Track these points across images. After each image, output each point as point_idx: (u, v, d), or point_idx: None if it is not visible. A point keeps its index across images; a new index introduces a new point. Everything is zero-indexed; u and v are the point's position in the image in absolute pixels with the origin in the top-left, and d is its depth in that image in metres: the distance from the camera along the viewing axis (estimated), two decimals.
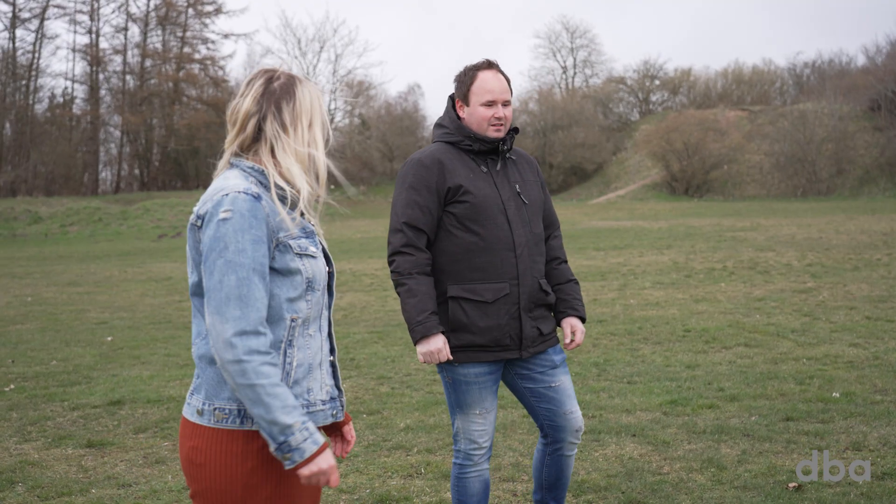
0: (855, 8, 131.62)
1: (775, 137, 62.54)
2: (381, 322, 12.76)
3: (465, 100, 4.17)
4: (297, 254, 2.70)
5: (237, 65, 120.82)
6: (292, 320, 2.70)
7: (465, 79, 4.19)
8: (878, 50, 74.25)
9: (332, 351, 2.91)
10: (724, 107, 72.44)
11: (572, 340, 4.28)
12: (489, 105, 4.10)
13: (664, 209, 48.53)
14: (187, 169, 71.19)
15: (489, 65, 4.18)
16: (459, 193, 4.08)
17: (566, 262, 4.45)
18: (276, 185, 2.70)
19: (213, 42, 73.27)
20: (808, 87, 76.68)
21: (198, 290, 2.68)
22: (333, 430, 3.02)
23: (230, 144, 2.78)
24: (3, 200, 51.88)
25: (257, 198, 2.62)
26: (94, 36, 69.97)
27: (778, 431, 6.52)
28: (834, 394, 7.50)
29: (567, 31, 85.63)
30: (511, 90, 4.23)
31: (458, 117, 4.22)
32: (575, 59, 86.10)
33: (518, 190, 4.19)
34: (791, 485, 5.40)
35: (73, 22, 69.37)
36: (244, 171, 2.73)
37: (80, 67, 71.40)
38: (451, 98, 4.29)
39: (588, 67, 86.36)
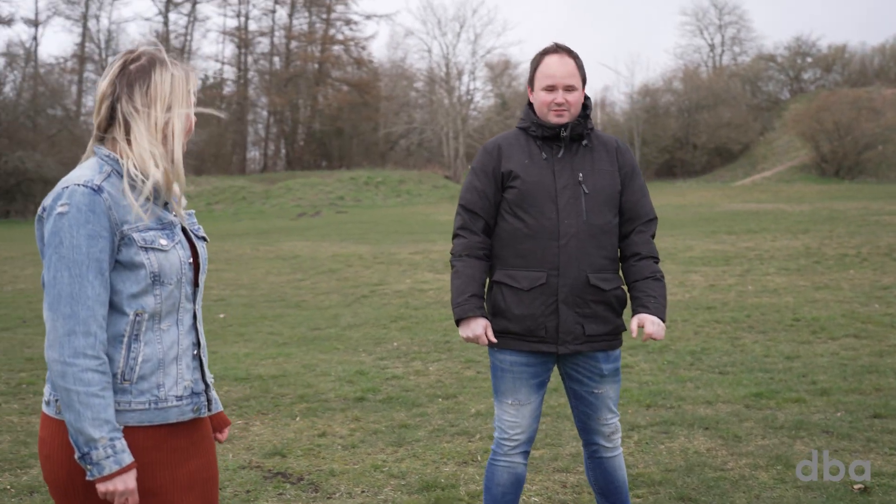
0: None
1: None
2: None
3: (531, 84, 4.14)
4: (141, 247, 2.61)
5: (380, 45, 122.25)
6: (137, 315, 2.61)
7: (533, 63, 4.15)
8: None
9: (196, 345, 2.80)
10: (880, 84, 69.41)
11: (643, 334, 3.96)
12: (550, 90, 4.02)
13: (811, 192, 46.85)
14: (331, 149, 72.56)
15: (556, 48, 4.10)
16: (511, 178, 4.05)
17: (650, 258, 4.14)
18: (128, 174, 2.62)
19: (356, 23, 74.37)
20: None
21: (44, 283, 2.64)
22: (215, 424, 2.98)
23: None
24: None
25: (97, 190, 2.55)
26: (242, 19, 72.18)
27: (861, 429, 6.26)
28: None
29: (715, 7, 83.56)
30: (582, 75, 4.10)
31: (530, 102, 4.18)
32: (723, 37, 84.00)
33: (580, 179, 4.05)
34: (857, 486, 5.17)
35: (224, 5, 71.72)
36: (101, 159, 2.65)
37: (230, 49, 73.66)
38: None
39: (736, 45, 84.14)
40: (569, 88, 4.01)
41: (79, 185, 2.54)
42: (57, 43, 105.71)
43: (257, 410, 7.23)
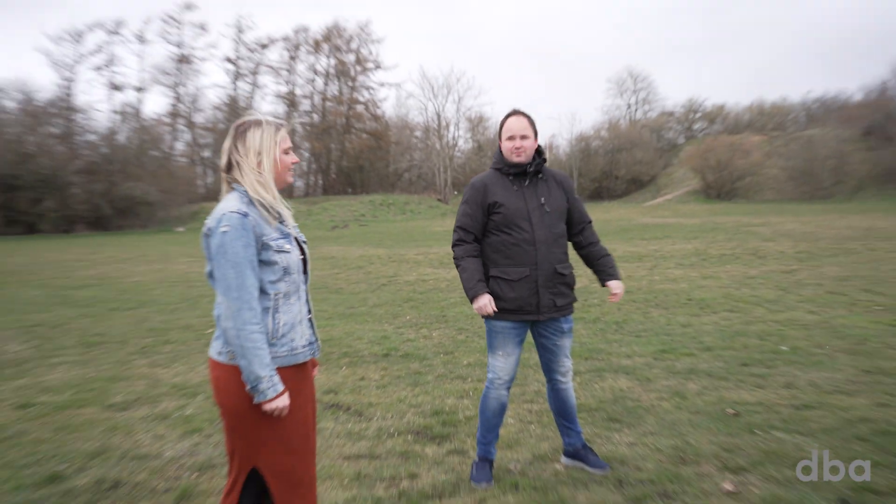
0: (855, 55, 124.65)
1: (788, 156, 60.12)
2: None
3: (499, 137, 4.25)
4: (275, 251, 2.77)
5: (389, 105, 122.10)
6: (276, 295, 2.79)
7: (501, 123, 4.26)
8: (872, 88, 70.18)
9: (309, 311, 2.96)
10: (749, 133, 70.01)
11: (615, 296, 4.22)
12: (511, 139, 4.15)
13: (700, 209, 47.09)
14: (355, 179, 72.56)
15: (515, 112, 4.22)
16: (496, 207, 4.16)
17: (598, 242, 4.38)
18: (251, 201, 2.78)
19: (373, 89, 74.69)
20: (816, 117, 73.23)
21: (211, 275, 2.79)
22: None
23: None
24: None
25: (245, 215, 2.71)
26: (291, 86, 72.14)
27: (733, 373, 6.44)
28: (783, 347, 7.34)
29: (631, 77, 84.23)
30: (533, 127, 4.21)
31: (500, 150, 4.28)
32: (637, 98, 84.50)
33: (542, 202, 4.18)
34: (729, 411, 5.35)
35: (277, 76, 71.75)
36: (240, 193, 2.81)
37: (282, 108, 73.54)
38: None
39: (646, 104, 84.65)
40: (523, 137, 4.13)
41: (233, 212, 2.71)
42: (156, 103, 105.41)
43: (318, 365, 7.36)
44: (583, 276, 5.24)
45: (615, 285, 4.25)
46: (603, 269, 4.32)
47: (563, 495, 4.03)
